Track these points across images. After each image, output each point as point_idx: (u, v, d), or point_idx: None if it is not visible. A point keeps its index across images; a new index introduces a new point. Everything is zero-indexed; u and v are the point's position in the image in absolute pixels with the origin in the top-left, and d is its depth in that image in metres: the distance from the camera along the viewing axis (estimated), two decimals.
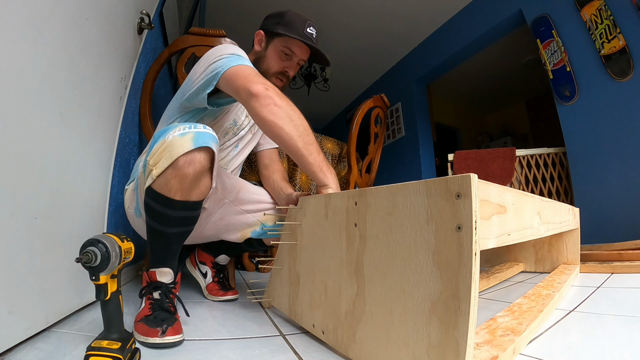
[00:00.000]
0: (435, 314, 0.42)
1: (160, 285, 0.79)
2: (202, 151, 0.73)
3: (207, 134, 0.75)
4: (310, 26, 1.02)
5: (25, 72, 0.60)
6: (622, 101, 1.99)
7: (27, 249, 0.63)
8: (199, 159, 0.72)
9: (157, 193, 0.74)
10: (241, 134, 1.12)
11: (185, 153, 0.70)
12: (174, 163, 0.71)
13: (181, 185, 0.73)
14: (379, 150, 1.95)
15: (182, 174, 0.72)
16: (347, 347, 0.59)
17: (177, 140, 0.71)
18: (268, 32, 1.04)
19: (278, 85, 1.05)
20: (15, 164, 0.59)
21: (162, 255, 0.81)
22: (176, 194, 0.74)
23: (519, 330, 0.61)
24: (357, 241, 0.58)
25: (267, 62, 1.04)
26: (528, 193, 0.69)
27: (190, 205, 0.77)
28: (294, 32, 1.00)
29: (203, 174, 0.75)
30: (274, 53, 1.04)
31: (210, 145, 0.74)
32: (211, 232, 1.09)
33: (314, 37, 1.03)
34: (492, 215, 0.47)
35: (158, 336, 0.65)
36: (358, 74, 4.55)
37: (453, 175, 0.40)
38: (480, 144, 5.48)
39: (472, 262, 0.37)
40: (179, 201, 0.75)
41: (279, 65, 1.04)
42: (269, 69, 1.04)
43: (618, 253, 1.49)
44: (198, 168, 0.73)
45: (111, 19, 0.97)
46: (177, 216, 0.77)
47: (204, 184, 0.78)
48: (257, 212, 1.05)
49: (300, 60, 1.06)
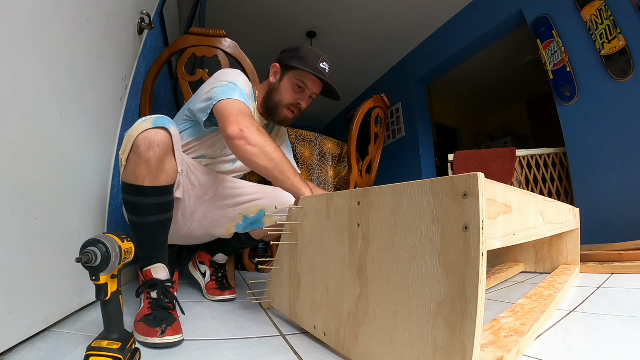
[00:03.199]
0: (441, 315, 0.41)
1: (156, 282, 0.80)
2: (160, 130, 0.77)
3: (165, 118, 0.80)
4: (323, 61, 1.06)
5: (25, 72, 0.59)
6: (622, 101, 1.99)
7: (27, 249, 0.63)
8: (158, 138, 0.77)
9: (128, 184, 0.78)
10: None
11: (143, 131, 0.75)
12: (134, 144, 0.75)
13: (148, 169, 0.77)
14: (379, 150, 1.95)
15: (145, 159, 0.76)
16: (349, 349, 0.58)
17: (137, 124, 0.78)
18: (283, 65, 1.09)
19: (289, 117, 1.10)
20: (15, 164, 0.58)
21: (150, 249, 0.84)
22: (144, 180, 0.77)
23: (522, 331, 0.60)
24: (360, 241, 0.57)
25: (280, 94, 1.08)
26: (531, 193, 0.69)
27: (160, 190, 0.80)
28: (307, 66, 1.04)
29: (165, 155, 0.79)
30: (287, 85, 1.08)
31: (167, 126, 0.79)
32: (200, 232, 1.12)
33: (327, 71, 1.07)
34: (498, 214, 0.46)
35: (157, 336, 0.66)
36: (358, 74, 4.55)
37: (459, 174, 0.40)
38: (480, 144, 5.48)
39: (479, 263, 0.37)
40: (149, 187, 0.78)
41: (292, 97, 1.08)
42: (282, 100, 1.08)
43: (618, 253, 1.49)
44: (158, 151, 0.77)
45: (111, 19, 0.96)
46: (151, 203, 0.79)
47: (169, 166, 0.81)
48: (238, 205, 1.09)
49: (312, 94, 1.10)
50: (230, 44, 1.45)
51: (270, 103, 1.10)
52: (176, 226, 1.05)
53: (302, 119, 5.87)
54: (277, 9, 3.28)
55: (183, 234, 1.10)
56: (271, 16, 3.35)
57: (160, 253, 0.84)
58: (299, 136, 1.82)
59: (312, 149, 1.85)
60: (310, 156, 1.83)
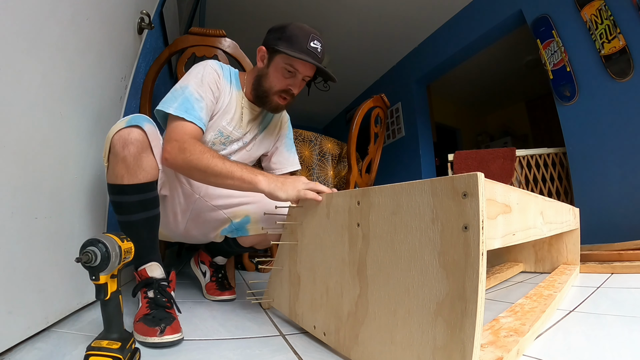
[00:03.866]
0: (441, 315, 0.41)
1: (152, 281, 0.80)
2: (134, 129, 0.78)
3: (141, 117, 0.81)
4: (314, 40, 0.94)
5: (25, 72, 0.59)
6: (622, 101, 1.99)
7: (27, 249, 0.63)
8: (132, 137, 0.77)
9: (110, 185, 0.79)
10: (233, 148, 1.07)
11: (117, 131, 0.77)
12: (111, 145, 0.76)
13: (126, 168, 0.77)
14: (379, 150, 1.95)
15: (122, 157, 0.76)
16: (349, 349, 0.58)
17: (114, 126, 0.79)
18: (270, 48, 0.98)
19: (281, 104, 1.01)
20: (15, 164, 0.58)
21: (140, 248, 0.82)
22: (123, 179, 0.78)
23: (522, 331, 0.60)
24: (360, 241, 0.57)
25: (269, 80, 0.99)
26: (531, 193, 0.69)
27: (140, 187, 0.80)
28: (296, 49, 0.92)
29: (141, 152, 0.79)
30: (276, 71, 0.98)
31: (141, 124, 0.79)
32: (196, 232, 1.10)
33: (319, 50, 0.95)
34: (498, 214, 0.46)
35: (157, 335, 0.66)
36: (358, 74, 4.54)
37: (459, 174, 0.40)
38: (480, 144, 5.47)
39: (479, 263, 0.37)
40: (128, 185, 0.78)
41: (282, 83, 0.98)
42: (272, 87, 0.99)
43: (618, 253, 1.49)
44: (133, 149, 0.77)
45: (111, 19, 0.96)
46: (133, 201, 0.80)
47: (147, 163, 0.81)
48: (228, 207, 1.05)
49: (305, 77, 1.00)
50: (230, 43, 1.45)
51: (260, 91, 1.01)
52: (170, 225, 1.05)
53: (302, 118, 5.89)
54: (277, 8, 3.28)
55: (180, 233, 1.10)
56: (271, 16, 3.34)
57: (151, 251, 0.84)
58: (299, 136, 1.82)
59: (312, 149, 1.85)
60: (310, 156, 1.83)
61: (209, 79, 0.97)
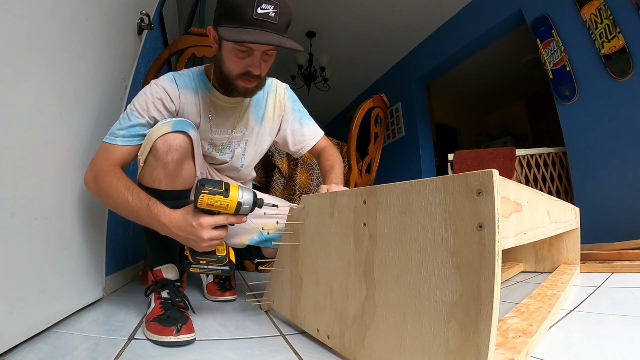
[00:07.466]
0: (454, 317, 0.40)
1: (167, 282, 0.80)
2: (180, 134, 0.75)
3: (186, 122, 0.78)
4: (262, 3, 0.73)
5: (25, 72, 0.59)
6: (622, 101, 1.99)
7: (27, 249, 0.63)
8: (177, 143, 0.75)
9: (144, 187, 0.77)
10: (237, 151, 1.03)
11: (162, 135, 0.74)
12: (153, 147, 0.74)
13: (165, 173, 0.75)
14: (379, 150, 1.95)
15: (163, 163, 0.74)
16: (355, 353, 0.57)
17: (157, 127, 0.76)
18: (216, 29, 0.81)
19: (249, 87, 0.86)
20: (15, 164, 0.58)
21: (162, 251, 0.83)
22: (161, 184, 0.76)
23: (530, 332, 0.60)
24: (367, 241, 0.56)
25: (225, 65, 0.83)
26: (539, 191, 0.68)
27: (176, 195, 0.79)
28: (240, 22, 0.74)
29: (184, 160, 0.77)
30: (228, 53, 0.82)
31: (187, 131, 0.76)
32: None
33: (271, 15, 0.74)
34: (511, 213, 0.45)
35: (173, 335, 0.66)
36: (358, 74, 4.54)
37: (473, 172, 0.39)
38: (480, 143, 5.48)
39: (495, 263, 0.36)
40: (165, 191, 0.77)
41: (239, 65, 0.82)
42: (230, 72, 0.84)
43: (618, 253, 1.48)
44: (176, 156, 0.75)
45: (111, 19, 0.96)
46: (167, 207, 0.76)
47: (187, 171, 0.79)
48: (258, 218, 1.00)
49: (268, 51, 0.82)
50: None
51: (222, 79, 0.87)
52: None
53: None
54: None
55: None
56: None
57: (171, 254, 0.84)
58: None
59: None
60: (310, 156, 1.82)
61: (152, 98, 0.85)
